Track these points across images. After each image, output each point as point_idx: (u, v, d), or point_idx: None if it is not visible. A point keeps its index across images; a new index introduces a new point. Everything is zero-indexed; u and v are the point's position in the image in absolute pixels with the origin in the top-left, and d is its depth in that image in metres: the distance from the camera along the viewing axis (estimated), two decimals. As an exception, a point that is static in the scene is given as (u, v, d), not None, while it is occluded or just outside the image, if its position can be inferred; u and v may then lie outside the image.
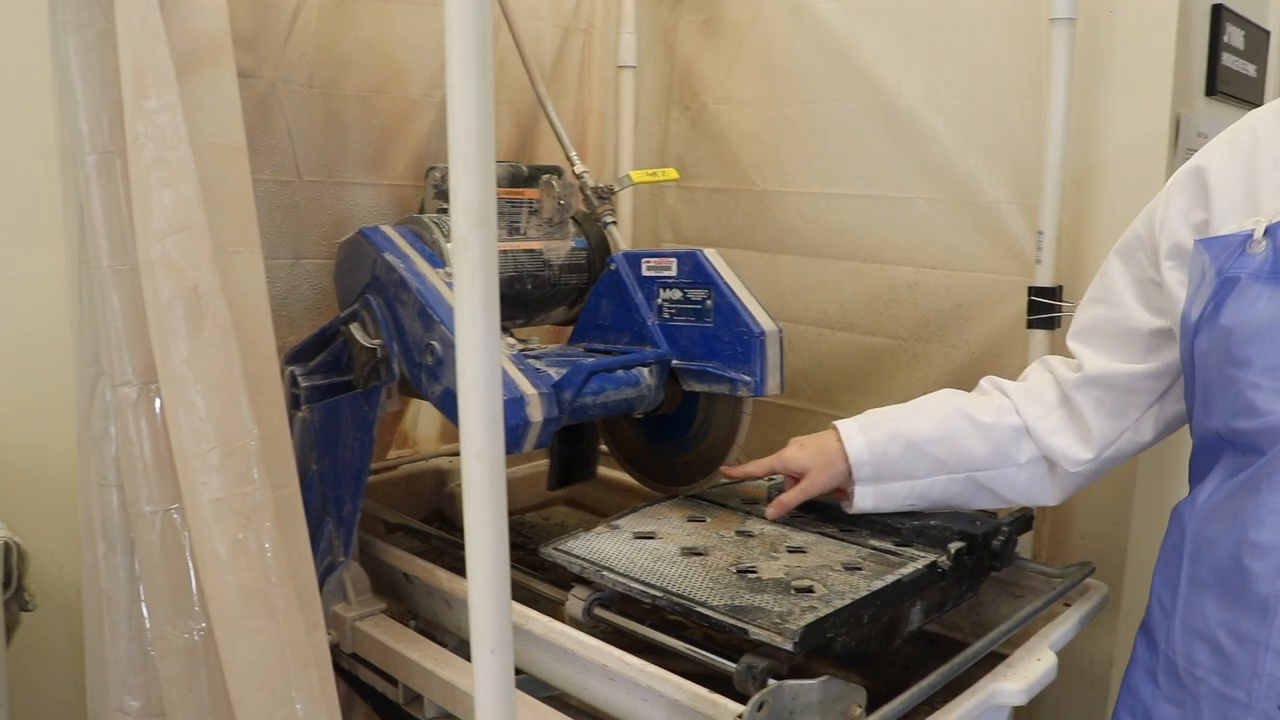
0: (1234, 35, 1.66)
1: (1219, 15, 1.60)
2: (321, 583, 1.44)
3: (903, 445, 1.34)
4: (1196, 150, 1.53)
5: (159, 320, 1.09)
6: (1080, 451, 1.28)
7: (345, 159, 1.69)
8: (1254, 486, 1.06)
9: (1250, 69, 1.75)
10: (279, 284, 1.61)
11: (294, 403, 1.49)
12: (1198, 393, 1.13)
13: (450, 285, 1.18)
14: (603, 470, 1.78)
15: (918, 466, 1.34)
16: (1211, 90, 1.62)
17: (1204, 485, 1.14)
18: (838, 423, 1.39)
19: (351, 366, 1.44)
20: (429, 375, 1.34)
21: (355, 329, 1.43)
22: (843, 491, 1.40)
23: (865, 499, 1.38)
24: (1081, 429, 1.28)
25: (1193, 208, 1.15)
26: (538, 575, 1.47)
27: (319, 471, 1.48)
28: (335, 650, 1.42)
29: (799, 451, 1.40)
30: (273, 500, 1.15)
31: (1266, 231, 1.06)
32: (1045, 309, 1.57)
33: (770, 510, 1.44)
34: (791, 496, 1.41)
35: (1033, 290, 1.58)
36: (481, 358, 0.73)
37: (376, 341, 1.40)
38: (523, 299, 1.62)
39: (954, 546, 1.31)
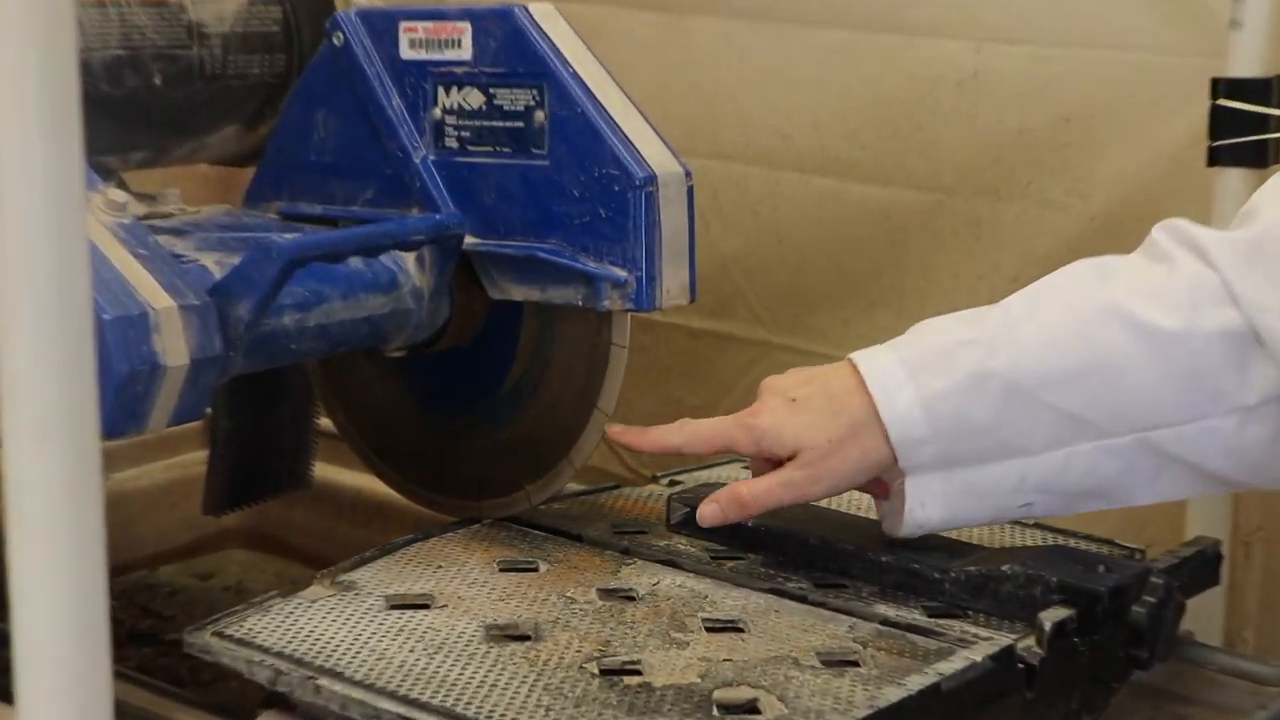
0: None
1: None
2: None
3: (999, 392, 1.20)
4: None
5: None
6: None
7: None
8: None
9: None
10: None
11: None
12: None
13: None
14: (324, 471, 1.74)
15: (1033, 431, 1.21)
16: None
17: None
18: (859, 356, 1.25)
19: None
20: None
21: None
22: (882, 484, 1.29)
23: (931, 503, 1.25)
24: None
25: None
26: (183, 694, 1.52)
27: None
28: None
29: (792, 413, 1.25)
30: None
31: None
32: (1246, 125, 1.48)
33: (704, 511, 1.29)
34: (767, 487, 1.26)
35: (1221, 86, 1.50)
36: (42, 227, 0.65)
37: None
38: (144, 107, 1.51)
39: (1051, 617, 1.21)
